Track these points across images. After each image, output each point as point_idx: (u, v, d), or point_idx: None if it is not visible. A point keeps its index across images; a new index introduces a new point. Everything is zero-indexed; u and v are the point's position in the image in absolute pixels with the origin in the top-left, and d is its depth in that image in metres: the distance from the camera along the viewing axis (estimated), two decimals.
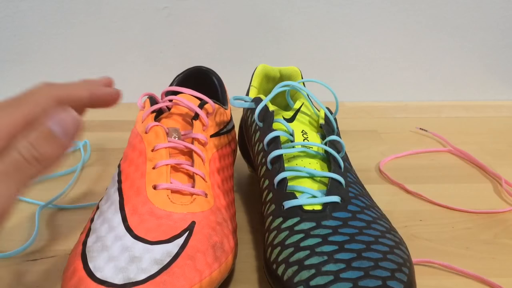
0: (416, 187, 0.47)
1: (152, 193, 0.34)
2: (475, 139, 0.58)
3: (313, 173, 0.35)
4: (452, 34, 0.68)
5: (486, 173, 0.51)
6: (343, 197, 0.33)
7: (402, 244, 0.32)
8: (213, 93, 0.47)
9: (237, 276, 0.36)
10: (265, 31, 0.66)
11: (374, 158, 0.53)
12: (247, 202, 0.45)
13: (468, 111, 0.67)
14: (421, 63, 0.69)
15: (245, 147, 0.47)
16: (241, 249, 0.38)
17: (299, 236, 0.31)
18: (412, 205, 0.45)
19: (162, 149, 0.36)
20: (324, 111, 0.40)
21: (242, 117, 0.47)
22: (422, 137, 0.59)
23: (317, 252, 0.30)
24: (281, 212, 0.34)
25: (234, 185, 0.43)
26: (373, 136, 0.60)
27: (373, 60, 0.69)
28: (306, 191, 0.34)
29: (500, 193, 0.47)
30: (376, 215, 0.34)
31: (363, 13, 0.66)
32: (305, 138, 0.38)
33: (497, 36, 0.68)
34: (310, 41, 0.67)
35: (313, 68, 0.67)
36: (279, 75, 0.47)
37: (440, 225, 0.42)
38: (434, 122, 0.63)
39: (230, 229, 0.36)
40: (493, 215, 0.43)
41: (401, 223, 0.41)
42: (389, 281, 0.28)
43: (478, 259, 0.38)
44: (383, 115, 0.66)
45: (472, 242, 0.40)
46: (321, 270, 0.28)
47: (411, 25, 0.67)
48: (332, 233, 0.31)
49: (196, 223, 0.33)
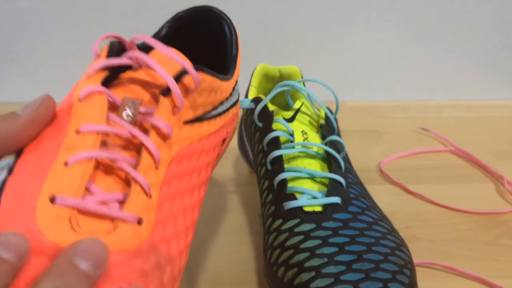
0: (417, 187, 0.47)
1: (45, 209, 0.21)
2: (477, 139, 0.58)
3: (313, 174, 0.35)
4: (453, 33, 0.67)
5: (488, 173, 0.50)
6: (343, 198, 0.33)
7: (403, 245, 0.32)
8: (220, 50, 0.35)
9: (236, 278, 0.36)
10: (264, 30, 0.66)
11: (375, 158, 0.53)
12: (246, 203, 0.45)
13: (470, 111, 0.67)
14: (423, 62, 0.69)
15: (244, 147, 0.47)
16: (240, 250, 0.38)
17: (299, 238, 0.31)
18: (413, 205, 0.45)
19: (90, 134, 0.23)
20: (325, 111, 0.40)
21: (242, 117, 0.47)
22: (423, 137, 0.59)
23: (317, 254, 0.29)
24: (281, 214, 0.33)
25: (233, 185, 0.43)
26: (374, 136, 0.59)
27: (373, 59, 0.69)
28: (306, 192, 0.34)
29: (502, 194, 0.47)
30: (377, 216, 0.34)
31: (363, 12, 0.66)
32: (305, 138, 0.38)
33: (499, 35, 0.68)
34: (310, 40, 0.67)
35: (313, 68, 0.66)
36: (279, 74, 0.47)
37: (441, 226, 0.42)
38: (435, 122, 0.63)
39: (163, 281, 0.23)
40: (495, 215, 0.43)
41: (403, 224, 0.41)
42: (390, 283, 0.27)
43: (480, 260, 0.38)
44: (384, 115, 0.66)
45: (474, 243, 0.40)
46: (322, 272, 0.28)
47: (412, 24, 0.66)
48: (332, 234, 0.30)
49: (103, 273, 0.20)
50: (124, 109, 0.25)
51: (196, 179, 0.28)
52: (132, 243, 0.22)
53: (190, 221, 0.27)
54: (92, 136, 0.23)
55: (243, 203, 0.45)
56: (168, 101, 0.26)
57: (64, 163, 0.22)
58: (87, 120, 0.24)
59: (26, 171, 0.23)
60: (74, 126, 0.24)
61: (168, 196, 0.25)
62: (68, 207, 0.21)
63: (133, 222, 0.22)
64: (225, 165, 0.51)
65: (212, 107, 0.30)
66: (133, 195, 0.23)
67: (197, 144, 0.28)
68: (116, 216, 0.22)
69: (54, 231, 0.20)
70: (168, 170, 0.25)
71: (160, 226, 0.24)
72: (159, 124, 0.25)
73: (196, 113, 0.28)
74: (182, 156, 0.27)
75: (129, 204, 0.22)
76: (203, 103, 0.29)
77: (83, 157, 0.22)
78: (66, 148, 0.23)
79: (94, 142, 0.23)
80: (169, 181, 0.25)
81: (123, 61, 0.27)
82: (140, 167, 0.24)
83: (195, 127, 0.28)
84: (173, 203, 0.25)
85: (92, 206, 0.22)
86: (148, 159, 0.24)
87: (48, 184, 0.22)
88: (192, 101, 0.28)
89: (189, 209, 0.27)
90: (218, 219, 0.42)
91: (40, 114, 0.24)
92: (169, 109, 0.26)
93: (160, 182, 0.25)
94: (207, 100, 0.29)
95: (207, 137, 0.30)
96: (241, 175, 0.50)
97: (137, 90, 0.26)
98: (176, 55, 0.26)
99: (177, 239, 0.25)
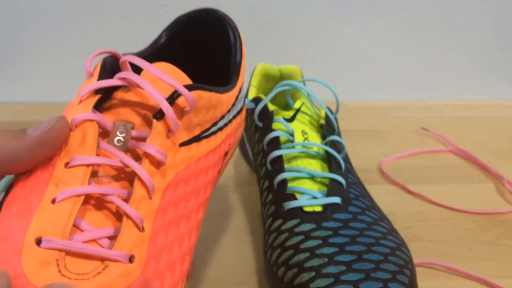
0: (417, 187, 0.46)
1: (31, 252, 0.20)
2: (478, 139, 0.58)
3: (314, 174, 0.35)
4: (454, 33, 0.67)
5: (488, 173, 0.50)
6: (343, 198, 0.33)
7: (403, 245, 0.32)
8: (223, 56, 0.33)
9: (236, 278, 0.35)
10: (264, 29, 0.66)
11: (375, 158, 0.53)
12: (246, 203, 0.45)
13: (471, 111, 0.67)
14: (423, 62, 0.69)
15: (244, 147, 0.47)
16: (240, 250, 0.38)
17: (299, 238, 0.31)
18: (413, 205, 0.45)
19: (80, 167, 0.22)
20: (325, 110, 0.40)
21: None
22: (424, 137, 0.59)
23: (318, 254, 0.29)
24: (281, 214, 0.33)
25: (233, 185, 0.43)
26: (374, 136, 0.59)
27: (374, 59, 0.68)
28: (306, 192, 0.33)
29: (502, 194, 0.47)
30: (377, 216, 0.33)
31: (364, 12, 0.65)
32: (305, 138, 0.37)
33: (500, 34, 0.67)
34: (310, 39, 0.67)
35: (314, 67, 0.66)
36: (279, 74, 0.46)
37: (442, 226, 0.42)
38: (436, 121, 0.63)
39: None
40: (495, 215, 0.43)
41: (403, 224, 0.41)
42: (390, 283, 0.27)
43: (481, 260, 0.38)
44: (385, 114, 0.65)
45: (475, 243, 0.39)
46: (322, 273, 0.28)
47: (413, 23, 0.66)
48: (332, 234, 0.30)
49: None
50: (116, 134, 0.24)
51: (194, 202, 0.26)
52: (122, 284, 0.20)
53: (187, 248, 0.25)
54: (82, 169, 0.22)
55: (243, 203, 0.45)
56: (162, 125, 0.24)
57: (51, 200, 0.21)
58: (77, 152, 0.23)
59: (14, 209, 0.22)
60: (64, 159, 0.23)
61: (162, 226, 0.23)
62: (55, 249, 0.20)
63: (124, 261, 0.21)
64: None
65: (211, 124, 0.28)
66: (124, 230, 0.22)
67: (195, 165, 0.26)
68: (106, 257, 0.21)
69: (40, 276, 0.19)
70: (162, 198, 0.24)
71: (153, 260, 0.22)
72: (152, 152, 0.23)
73: (193, 134, 0.27)
74: (178, 181, 0.25)
75: (120, 241, 0.21)
76: (201, 122, 0.27)
77: (72, 194, 0.21)
78: (55, 183, 0.22)
79: (84, 176, 0.22)
80: (164, 210, 0.24)
81: (114, 82, 0.25)
82: (132, 200, 0.22)
83: (193, 148, 0.26)
84: (168, 232, 0.24)
85: (80, 247, 0.20)
86: (141, 189, 0.23)
87: (34, 224, 0.21)
88: (188, 122, 0.26)
89: (186, 236, 0.25)
90: (218, 219, 0.42)
91: (51, 137, 0.22)
92: (162, 134, 0.24)
93: (154, 212, 0.23)
94: (205, 118, 0.27)
95: (206, 156, 0.28)
96: (241, 175, 0.50)
97: (128, 112, 0.25)
98: (166, 77, 0.24)
99: (171, 271, 0.23)
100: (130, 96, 0.26)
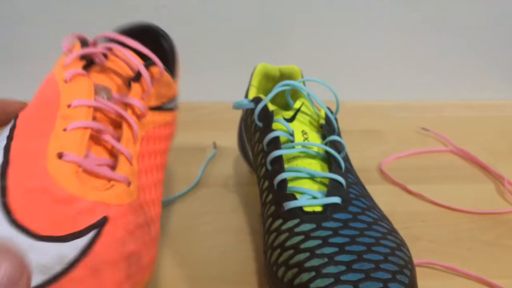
0: (418, 187, 0.46)
1: (54, 163, 0.23)
2: (478, 139, 0.58)
3: (314, 174, 0.35)
4: (454, 33, 0.67)
5: (488, 173, 0.50)
6: (343, 198, 0.33)
7: (403, 245, 0.32)
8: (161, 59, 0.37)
9: (236, 278, 0.35)
10: (264, 29, 0.66)
11: (375, 158, 0.53)
12: (246, 203, 0.45)
13: (471, 111, 0.67)
14: (423, 62, 0.69)
15: (244, 147, 0.47)
16: (240, 251, 0.38)
17: (299, 238, 0.31)
18: (413, 205, 0.45)
19: (83, 107, 0.26)
20: (325, 110, 0.40)
21: (242, 117, 0.47)
22: (424, 137, 0.59)
23: (318, 254, 0.29)
24: (281, 214, 0.33)
25: (233, 185, 0.43)
26: (374, 136, 0.59)
27: (374, 59, 0.68)
28: (306, 192, 0.33)
29: (502, 194, 0.47)
30: (377, 216, 0.33)
31: (363, 11, 0.65)
32: (305, 138, 0.37)
33: (500, 34, 0.67)
34: (310, 39, 0.67)
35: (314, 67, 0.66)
36: (279, 74, 0.46)
37: (442, 226, 0.42)
38: (436, 121, 0.63)
39: (151, 236, 0.27)
40: (495, 216, 0.43)
41: (403, 224, 0.41)
42: (390, 283, 0.27)
43: (480, 260, 0.38)
44: (385, 114, 0.66)
45: (474, 243, 0.39)
46: (322, 273, 0.28)
47: (413, 23, 0.66)
48: (332, 234, 0.30)
49: (109, 220, 0.23)
50: (99, 93, 0.28)
51: (158, 160, 0.32)
52: (126, 199, 0.25)
53: (158, 194, 0.31)
54: (85, 109, 0.26)
55: (243, 203, 0.45)
56: (138, 86, 0.29)
57: (63, 129, 0.25)
58: (77, 97, 0.27)
59: (27, 135, 0.25)
60: (65, 101, 0.26)
61: (143, 167, 0.29)
62: (74, 163, 0.24)
63: (124, 183, 0.26)
64: (225, 165, 0.51)
65: (167, 100, 0.34)
66: (121, 162, 0.26)
67: (158, 129, 0.32)
68: (112, 177, 0.25)
69: (63, 179, 0.23)
70: (141, 146, 0.29)
71: (141, 191, 0.28)
72: (134, 103, 0.29)
73: (157, 102, 0.32)
74: (149, 137, 0.31)
75: (120, 168, 0.26)
76: (163, 94, 0.33)
77: (80, 126, 0.26)
78: (62, 117, 0.25)
79: (87, 114, 0.26)
80: (142, 155, 0.29)
81: (99, 49, 0.30)
82: (123, 140, 0.27)
83: (156, 114, 0.32)
84: (147, 174, 0.29)
85: (93, 166, 0.25)
86: (129, 133, 0.28)
87: (52, 144, 0.24)
88: (157, 89, 0.31)
89: (156, 184, 0.31)
90: (218, 219, 0.42)
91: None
92: (139, 93, 0.29)
93: (137, 154, 0.28)
94: (166, 92, 0.33)
95: (164, 126, 0.33)
96: (241, 175, 0.50)
97: (106, 80, 0.29)
98: (144, 48, 0.30)
99: (153, 205, 0.29)
100: (106, 67, 0.30)
